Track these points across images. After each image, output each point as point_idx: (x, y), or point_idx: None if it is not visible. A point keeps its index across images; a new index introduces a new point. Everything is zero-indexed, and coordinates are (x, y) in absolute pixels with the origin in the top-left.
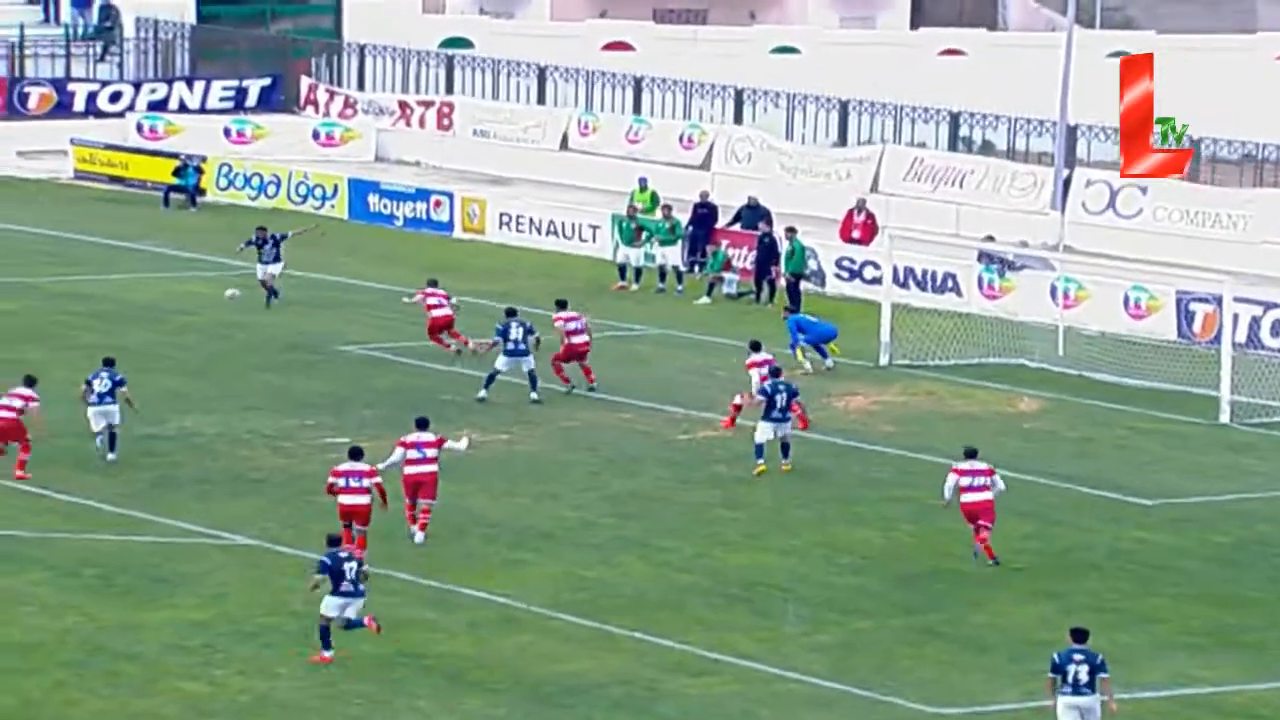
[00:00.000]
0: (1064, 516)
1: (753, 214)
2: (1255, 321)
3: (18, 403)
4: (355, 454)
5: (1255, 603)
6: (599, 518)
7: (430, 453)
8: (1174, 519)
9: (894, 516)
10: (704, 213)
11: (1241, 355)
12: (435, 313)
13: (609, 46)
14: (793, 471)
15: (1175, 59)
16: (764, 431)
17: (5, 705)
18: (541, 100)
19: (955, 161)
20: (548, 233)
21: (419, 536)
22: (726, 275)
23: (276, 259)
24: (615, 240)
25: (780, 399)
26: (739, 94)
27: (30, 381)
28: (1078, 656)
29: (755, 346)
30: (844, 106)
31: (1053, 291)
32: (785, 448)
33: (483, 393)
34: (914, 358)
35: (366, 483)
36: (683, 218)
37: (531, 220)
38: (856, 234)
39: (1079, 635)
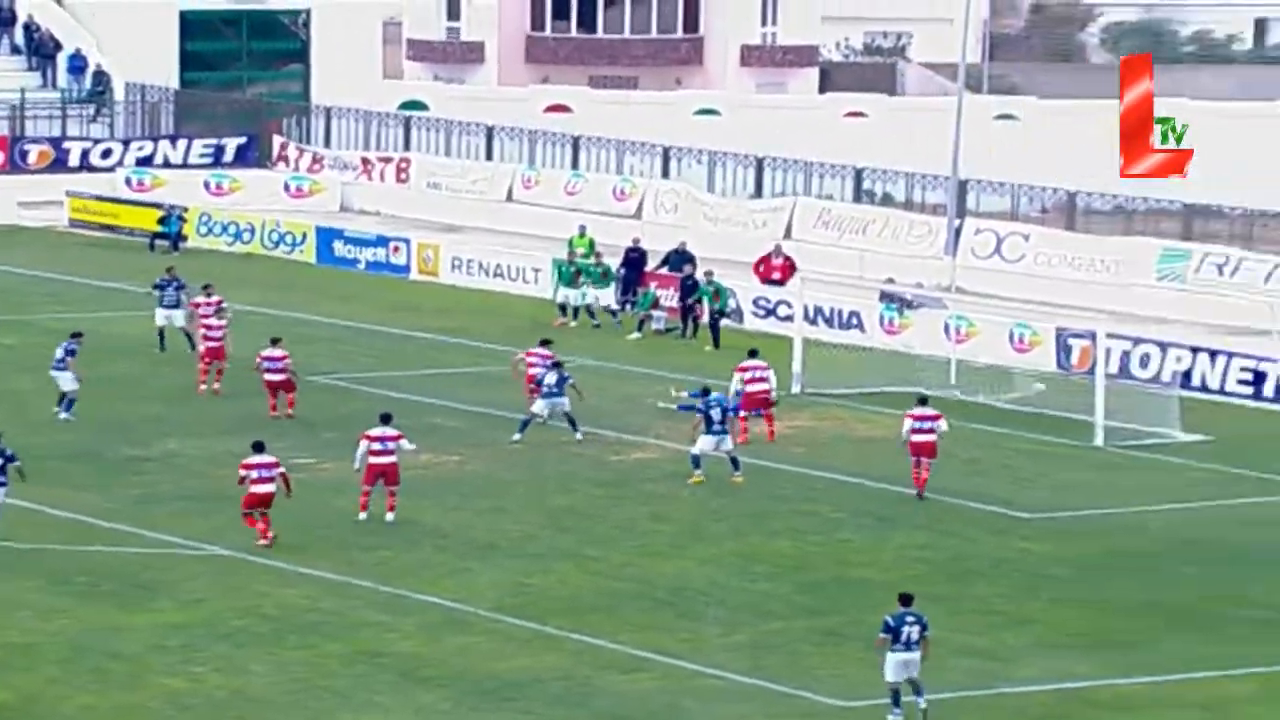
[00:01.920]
0: (954, 528)
1: (679, 258)
2: (1125, 355)
3: (278, 364)
4: (259, 448)
5: (1122, 606)
6: (539, 530)
7: (391, 445)
8: (1051, 531)
9: (802, 529)
10: (635, 257)
11: (1113, 385)
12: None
13: (550, 109)
14: (722, 485)
15: (1057, 120)
16: (703, 444)
17: (4, 700)
18: (489, 157)
19: (859, 212)
20: (495, 275)
21: (390, 517)
22: (655, 313)
23: (177, 304)
24: (555, 282)
25: (715, 413)
26: (666, 151)
27: (274, 341)
28: (910, 619)
29: (752, 353)
30: (759, 163)
31: (946, 328)
32: (735, 462)
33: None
34: (822, 387)
35: (273, 473)
36: (614, 262)
37: (480, 264)
38: (777, 275)
39: (907, 600)
